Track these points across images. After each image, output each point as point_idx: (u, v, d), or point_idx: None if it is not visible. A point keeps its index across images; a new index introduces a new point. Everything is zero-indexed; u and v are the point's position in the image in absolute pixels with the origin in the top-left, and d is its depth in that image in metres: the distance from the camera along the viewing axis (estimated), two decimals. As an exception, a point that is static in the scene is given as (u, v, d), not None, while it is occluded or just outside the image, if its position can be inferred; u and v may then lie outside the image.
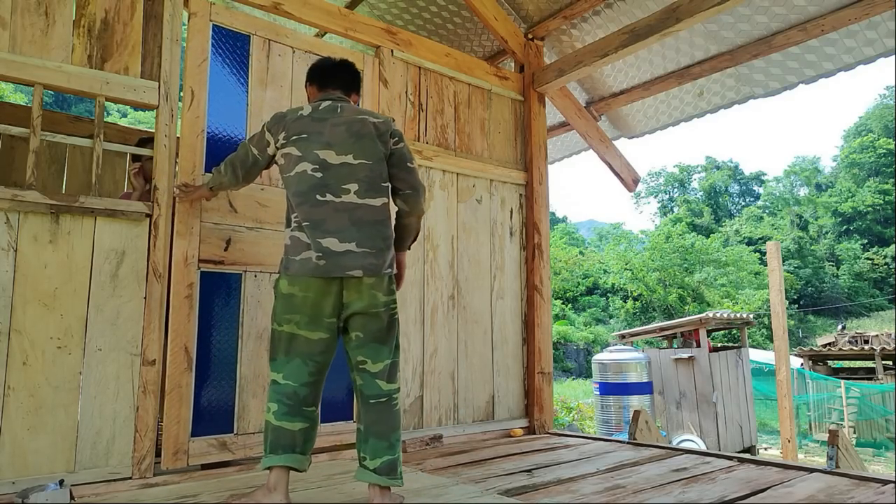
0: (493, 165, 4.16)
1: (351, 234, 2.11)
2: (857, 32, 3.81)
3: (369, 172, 2.19)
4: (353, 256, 2.10)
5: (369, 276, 2.12)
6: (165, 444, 2.66)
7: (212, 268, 2.88)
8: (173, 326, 2.72)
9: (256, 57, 3.18)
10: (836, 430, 3.32)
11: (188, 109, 2.90)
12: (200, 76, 2.95)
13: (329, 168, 2.16)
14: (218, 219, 2.93)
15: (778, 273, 6.95)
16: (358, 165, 2.17)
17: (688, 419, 8.91)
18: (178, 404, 2.71)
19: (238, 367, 2.92)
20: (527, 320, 4.23)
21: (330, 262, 2.09)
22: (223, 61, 3.06)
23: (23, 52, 2.51)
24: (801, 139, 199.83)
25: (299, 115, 2.25)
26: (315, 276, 2.08)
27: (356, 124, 2.23)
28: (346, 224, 2.12)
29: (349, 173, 2.16)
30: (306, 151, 2.17)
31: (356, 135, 2.21)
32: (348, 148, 2.18)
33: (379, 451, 2.11)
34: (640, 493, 2.38)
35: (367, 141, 2.21)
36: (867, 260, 37.87)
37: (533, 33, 4.56)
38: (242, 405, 2.91)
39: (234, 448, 2.85)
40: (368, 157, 2.20)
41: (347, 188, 2.15)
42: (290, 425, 2.08)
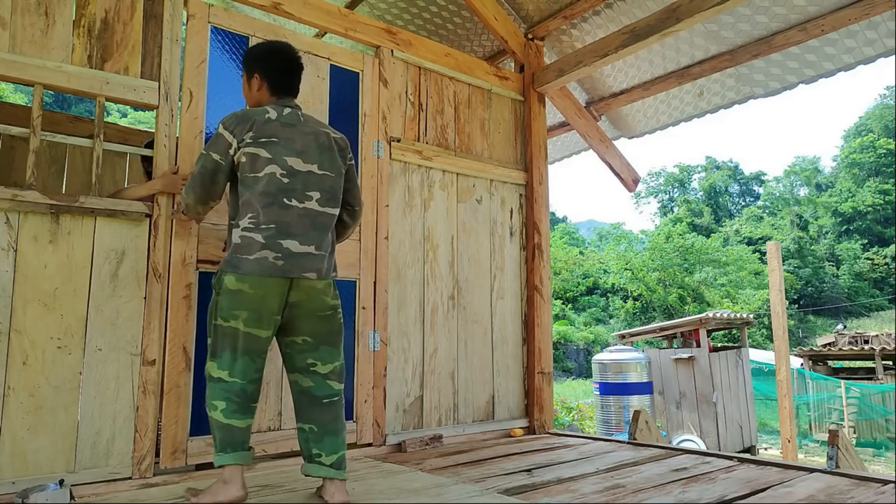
0: (493, 165, 4.16)
1: (311, 238, 2.20)
2: (857, 32, 3.81)
3: (332, 183, 2.30)
4: (311, 259, 2.18)
5: (322, 278, 2.21)
6: (164, 444, 2.66)
7: (210, 268, 2.86)
8: (172, 326, 2.72)
9: None
10: (836, 430, 3.31)
11: (186, 110, 2.90)
12: (199, 77, 2.95)
13: (296, 175, 2.21)
14: (216, 219, 2.91)
15: (778, 273, 6.95)
16: (322, 176, 2.26)
17: (688, 419, 8.91)
18: (177, 404, 2.71)
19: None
20: (527, 320, 4.23)
21: (289, 263, 2.14)
22: (222, 63, 3.06)
23: (23, 52, 2.51)
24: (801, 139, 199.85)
25: (267, 117, 2.24)
26: (273, 275, 2.11)
27: (322, 136, 2.31)
28: (308, 228, 2.20)
29: (313, 182, 2.24)
30: (276, 156, 2.20)
31: (321, 146, 2.29)
32: (315, 158, 2.26)
33: (335, 447, 2.21)
34: (639, 493, 2.38)
35: (332, 154, 2.31)
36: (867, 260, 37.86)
37: (533, 33, 4.56)
38: None
39: None
40: (331, 169, 2.30)
41: (311, 195, 2.22)
42: (239, 423, 2.10)
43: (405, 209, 3.69)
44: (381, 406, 3.38)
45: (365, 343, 3.36)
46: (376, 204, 3.50)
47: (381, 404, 3.38)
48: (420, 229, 3.74)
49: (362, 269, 3.41)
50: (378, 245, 3.48)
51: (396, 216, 3.64)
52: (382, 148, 3.57)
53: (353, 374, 3.32)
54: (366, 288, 3.41)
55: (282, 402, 3.03)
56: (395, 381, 3.50)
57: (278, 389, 3.02)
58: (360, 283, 3.40)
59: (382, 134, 3.59)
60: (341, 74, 3.50)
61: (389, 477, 2.67)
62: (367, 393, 3.33)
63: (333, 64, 3.47)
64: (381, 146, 3.57)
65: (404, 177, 3.71)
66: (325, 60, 3.44)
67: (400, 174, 3.69)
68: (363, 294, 3.40)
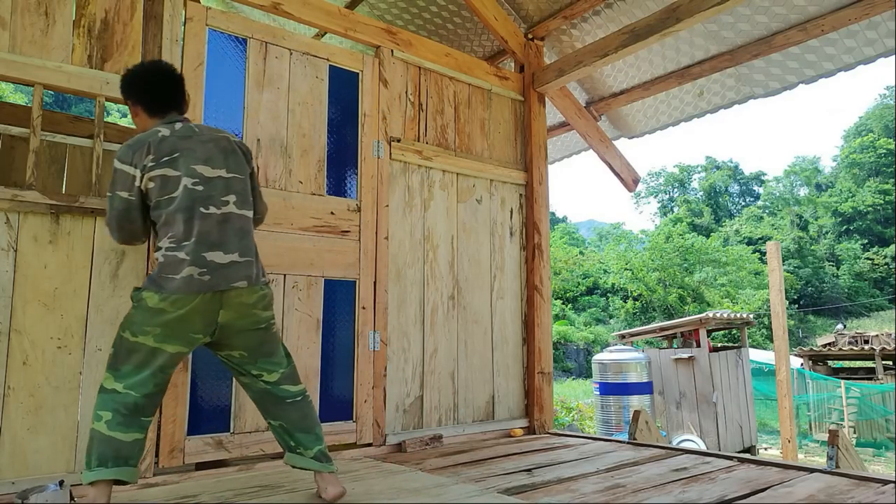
0: (493, 165, 4.16)
1: (234, 245, 2.12)
2: (857, 32, 3.81)
3: (243, 185, 2.24)
4: (237, 267, 2.10)
5: (252, 285, 2.13)
6: (162, 443, 2.68)
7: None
8: None
9: (253, 60, 3.19)
10: (836, 430, 3.31)
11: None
12: (196, 80, 2.96)
13: (208, 181, 2.14)
14: None
15: (778, 273, 6.95)
16: (231, 178, 2.19)
17: (688, 419, 8.91)
18: (174, 403, 2.72)
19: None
20: (527, 320, 4.23)
21: (215, 276, 2.05)
22: (220, 65, 3.08)
23: (23, 52, 2.51)
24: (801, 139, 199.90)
25: (161, 136, 2.14)
26: (200, 291, 2.02)
27: (222, 141, 2.24)
28: (229, 235, 2.13)
29: (226, 186, 2.17)
30: (184, 167, 2.11)
31: (224, 150, 2.22)
32: (221, 162, 2.18)
33: (311, 443, 2.23)
34: (639, 493, 2.38)
35: (236, 157, 2.25)
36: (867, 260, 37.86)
37: (533, 33, 4.56)
38: (239, 404, 2.92)
39: (231, 447, 2.86)
40: (239, 171, 2.24)
41: (227, 199, 2.15)
42: (123, 435, 1.98)
43: (405, 209, 3.69)
44: (381, 406, 3.38)
45: (365, 343, 3.36)
46: (376, 204, 3.51)
47: (381, 404, 3.38)
48: (420, 229, 3.75)
49: (362, 269, 3.42)
50: (378, 245, 3.48)
51: (396, 216, 3.64)
52: (382, 148, 3.57)
53: (353, 374, 3.32)
54: (366, 288, 3.41)
55: None
56: (395, 381, 3.50)
57: None
58: (359, 283, 3.40)
59: (382, 134, 3.59)
60: (340, 75, 3.51)
61: (389, 477, 2.67)
62: (367, 393, 3.33)
63: (332, 64, 3.48)
64: (381, 146, 3.57)
65: (404, 177, 3.71)
66: (323, 61, 3.44)
67: (400, 174, 3.69)
68: (363, 294, 3.40)
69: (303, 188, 3.28)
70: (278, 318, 3.09)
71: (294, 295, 3.16)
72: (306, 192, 3.29)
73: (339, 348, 3.31)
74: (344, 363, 3.31)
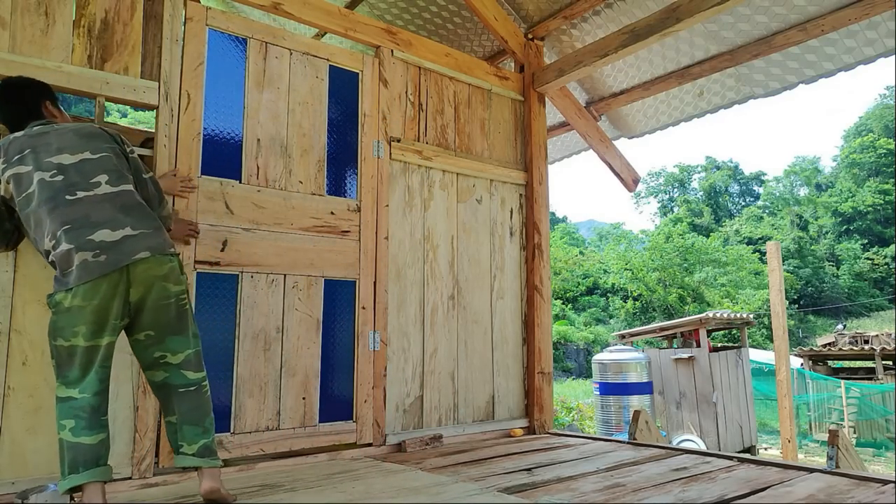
0: (493, 165, 4.16)
1: (122, 220, 2.04)
2: (857, 32, 3.81)
3: (115, 163, 2.15)
4: (134, 240, 2.03)
5: (159, 254, 2.05)
6: (162, 443, 2.66)
7: (208, 269, 2.91)
8: None
9: (253, 60, 3.19)
10: (836, 430, 3.31)
11: (184, 112, 2.91)
12: (196, 80, 2.96)
13: (68, 169, 2.06)
14: (214, 220, 2.95)
15: (778, 273, 6.95)
16: (99, 159, 2.11)
17: (688, 419, 8.91)
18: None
19: (235, 366, 2.94)
20: (527, 320, 4.23)
21: (111, 254, 1.98)
22: (220, 64, 3.08)
23: (23, 52, 2.51)
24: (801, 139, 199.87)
25: (13, 138, 2.14)
26: (101, 274, 1.96)
27: (83, 129, 2.17)
28: (112, 212, 2.05)
29: (93, 167, 2.09)
30: (37, 162, 2.07)
31: (86, 136, 2.15)
32: (83, 147, 2.11)
33: (195, 436, 2.14)
34: (639, 492, 2.38)
35: (100, 139, 2.17)
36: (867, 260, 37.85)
37: (533, 33, 4.56)
38: (239, 405, 2.92)
39: (231, 447, 2.85)
40: (107, 151, 2.15)
41: (97, 180, 2.07)
42: (89, 439, 1.98)
43: (405, 209, 3.69)
44: (381, 406, 3.38)
45: (365, 343, 3.36)
46: (376, 204, 3.50)
47: (381, 404, 3.38)
48: (420, 229, 3.75)
49: (362, 269, 3.41)
50: (378, 245, 3.48)
51: (396, 216, 3.64)
52: (382, 148, 3.57)
53: (354, 375, 3.32)
54: (366, 288, 3.41)
55: (280, 401, 3.03)
56: (395, 381, 3.50)
57: (276, 390, 3.03)
58: (359, 283, 3.40)
59: (382, 134, 3.59)
60: (341, 75, 3.51)
61: (389, 476, 2.67)
62: (367, 393, 3.33)
63: (332, 64, 3.48)
64: (381, 146, 3.57)
65: (404, 177, 3.71)
66: (323, 61, 3.44)
67: (400, 174, 3.69)
68: (363, 294, 3.40)
69: (303, 188, 3.28)
70: (278, 319, 3.09)
71: (294, 295, 3.16)
72: (306, 192, 3.29)
73: (339, 348, 3.31)
74: (344, 363, 3.31)
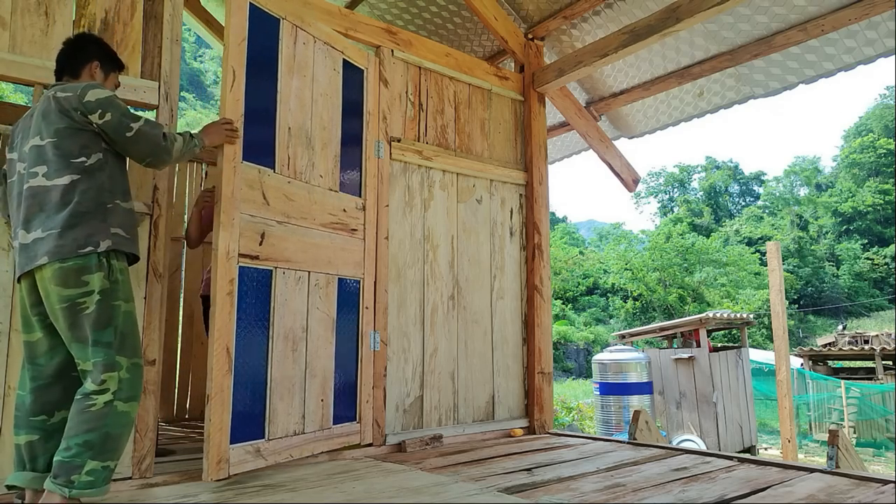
0: (493, 165, 4.16)
1: (39, 221, 1.97)
2: (857, 32, 3.81)
3: (56, 150, 2.01)
4: (41, 243, 1.95)
5: (53, 260, 1.92)
6: (210, 454, 2.44)
7: (248, 263, 2.68)
8: (216, 325, 2.50)
9: (286, 42, 2.98)
10: (836, 430, 3.31)
11: (230, 90, 2.67)
12: (240, 56, 2.72)
13: (26, 158, 2.05)
14: (253, 210, 2.72)
15: (778, 273, 6.94)
16: (45, 145, 2.02)
17: (688, 419, 8.91)
18: (221, 410, 2.48)
19: (269, 368, 2.75)
20: (527, 320, 4.23)
21: (22, 257, 1.98)
22: (257, 44, 2.84)
23: (23, 52, 2.51)
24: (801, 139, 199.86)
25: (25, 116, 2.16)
26: (20, 274, 2.00)
27: (44, 103, 2.08)
28: (34, 211, 1.99)
29: (37, 156, 2.02)
30: (19, 150, 2.09)
31: (43, 114, 2.06)
32: (37, 130, 2.05)
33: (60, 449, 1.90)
34: (639, 492, 2.38)
35: (52, 117, 2.03)
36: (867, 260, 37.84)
37: (533, 33, 4.56)
38: (272, 409, 2.74)
39: (267, 454, 2.69)
40: (52, 134, 2.02)
41: (36, 171, 2.00)
42: (16, 439, 1.95)
43: (405, 209, 3.69)
44: (381, 406, 3.38)
45: (367, 343, 3.35)
46: (376, 204, 3.50)
47: (381, 404, 3.38)
48: (420, 229, 3.74)
49: (366, 269, 3.38)
50: (378, 245, 3.47)
51: (396, 216, 3.63)
52: (383, 148, 3.57)
53: (357, 375, 3.28)
54: (368, 288, 3.39)
55: (304, 404, 2.91)
56: (395, 381, 3.50)
57: (301, 392, 2.89)
58: (363, 282, 3.36)
59: (383, 134, 3.59)
60: (351, 70, 3.43)
61: (389, 476, 2.67)
62: (367, 393, 3.32)
63: (345, 59, 3.38)
64: (382, 146, 3.57)
65: (404, 177, 3.71)
66: (339, 54, 3.33)
67: (400, 174, 3.69)
68: (366, 294, 3.37)
69: (322, 183, 3.13)
70: (304, 318, 2.93)
71: (316, 293, 3.03)
72: (325, 187, 3.15)
73: (347, 349, 3.23)
74: (351, 364, 3.25)
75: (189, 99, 39.77)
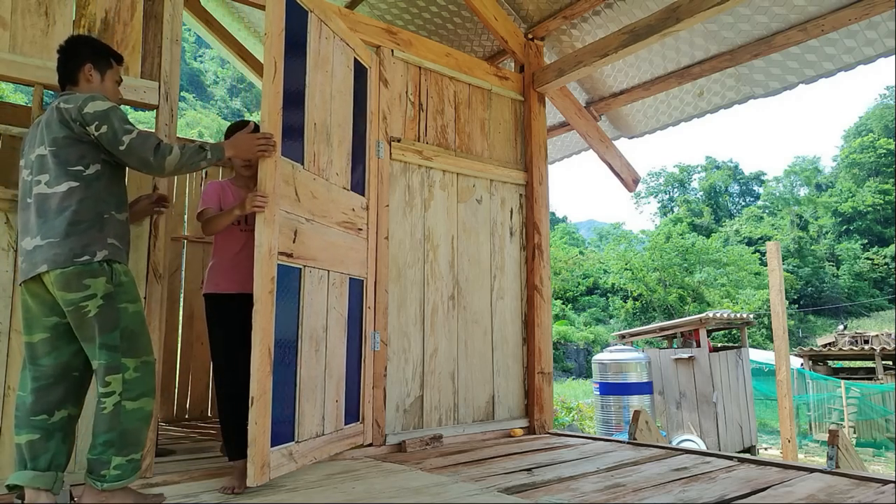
0: (493, 165, 4.16)
1: (38, 228, 2.04)
2: (857, 32, 3.81)
3: (55, 159, 2.07)
4: (40, 251, 2.01)
5: (53, 269, 1.99)
6: (255, 458, 2.35)
7: (285, 261, 2.58)
8: (260, 325, 2.40)
9: (313, 36, 2.89)
10: (836, 430, 3.31)
11: (272, 82, 2.54)
12: (279, 47, 2.59)
13: (30, 166, 2.11)
14: (288, 207, 2.63)
15: (778, 273, 6.94)
16: (48, 154, 2.08)
17: (688, 419, 8.91)
18: (264, 413, 2.39)
19: (298, 369, 2.68)
20: (527, 320, 4.23)
21: (26, 263, 2.05)
22: (290, 36, 2.72)
23: (23, 52, 2.51)
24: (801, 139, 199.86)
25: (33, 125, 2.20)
26: (23, 280, 2.06)
27: (49, 113, 2.14)
28: (35, 219, 2.05)
29: (41, 164, 2.09)
30: (27, 158, 2.15)
31: (46, 124, 2.12)
32: (41, 140, 2.11)
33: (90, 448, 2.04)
34: (640, 492, 2.38)
35: (54, 126, 2.10)
36: (867, 260, 37.85)
37: (533, 33, 4.56)
38: (301, 410, 2.68)
39: (298, 457, 2.63)
40: (52, 143, 2.08)
41: (39, 179, 2.07)
42: (17, 438, 1.99)
43: (405, 209, 3.69)
44: (381, 406, 3.38)
45: (368, 343, 3.35)
46: (377, 204, 3.50)
47: (381, 404, 3.38)
48: (420, 229, 3.74)
49: (369, 269, 3.37)
50: (378, 245, 3.47)
51: (397, 216, 3.63)
52: (383, 148, 3.57)
53: (361, 375, 3.26)
54: (370, 288, 3.38)
55: (324, 405, 2.86)
56: (395, 381, 3.50)
57: (322, 393, 2.85)
58: (367, 282, 3.35)
59: (383, 134, 3.59)
60: (360, 68, 3.40)
61: (390, 476, 2.67)
62: (368, 393, 3.32)
63: (356, 57, 3.35)
64: (382, 146, 3.57)
65: (404, 177, 3.71)
66: (351, 51, 3.29)
67: (400, 174, 3.69)
68: (369, 294, 3.36)
69: (337, 181, 3.08)
70: (324, 317, 2.89)
71: (333, 293, 2.99)
72: (339, 185, 3.10)
73: (354, 349, 3.21)
74: (356, 364, 3.23)
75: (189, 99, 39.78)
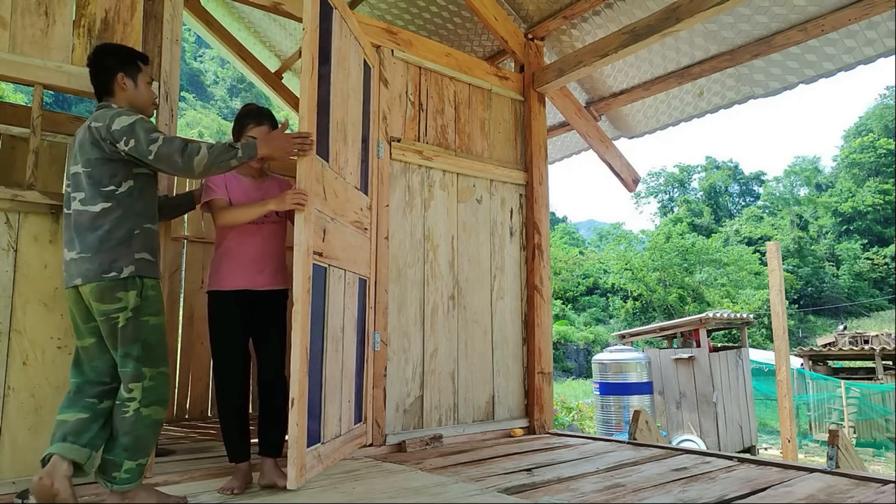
0: (493, 165, 4.16)
1: (74, 243, 2.16)
2: (857, 32, 3.81)
3: (89, 179, 2.18)
4: (75, 264, 2.14)
5: (86, 283, 2.12)
6: (295, 460, 2.32)
7: (316, 260, 2.54)
8: (300, 325, 2.37)
9: (336, 33, 2.85)
10: (836, 430, 3.31)
11: (309, 78, 2.48)
12: (315, 42, 2.54)
13: (70, 179, 2.23)
14: (319, 205, 2.57)
15: (778, 273, 6.94)
16: (83, 173, 2.19)
17: (688, 419, 8.91)
18: (304, 414, 2.36)
19: (324, 370, 2.65)
20: (527, 320, 4.23)
21: (65, 273, 2.19)
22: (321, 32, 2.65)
23: (23, 52, 2.51)
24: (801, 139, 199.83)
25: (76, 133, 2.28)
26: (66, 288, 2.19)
27: (81, 132, 2.24)
28: (71, 233, 2.18)
29: (77, 182, 2.20)
30: (66, 171, 2.27)
31: (80, 143, 2.22)
32: (77, 158, 2.22)
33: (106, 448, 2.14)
34: (640, 492, 2.38)
35: (87, 147, 2.19)
36: (867, 260, 37.84)
37: (533, 33, 4.56)
38: (325, 412, 2.67)
39: (324, 458, 2.62)
40: (87, 164, 2.19)
41: (75, 196, 2.19)
42: (64, 416, 2.09)
43: (405, 209, 3.69)
44: (381, 406, 3.38)
45: (369, 343, 3.34)
46: (377, 204, 3.50)
47: (381, 404, 3.38)
48: (420, 229, 3.74)
49: (371, 269, 3.37)
50: (378, 245, 3.47)
51: (397, 216, 3.63)
52: (383, 148, 3.57)
53: (363, 375, 3.26)
54: (371, 287, 3.37)
55: (341, 406, 2.85)
56: (395, 381, 3.50)
57: (340, 393, 2.86)
58: (369, 281, 3.34)
59: (383, 134, 3.59)
60: (366, 68, 3.38)
61: (390, 476, 2.67)
62: (369, 393, 3.32)
63: (364, 56, 3.33)
64: (382, 146, 3.57)
65: (404, 177, 3.71)
66: (361, 50, 3.28)
67: (400, 174, 3.69)
68: (371, 293, 3.36)
69: (351, 180, 3.06)
70: (342, 317, 2.86)
71: (348, 292, 2.97)
72: (353, 184, 3.08)
73: (359, 349, 3.20)
74: (360, 364, 3.22)
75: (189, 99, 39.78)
